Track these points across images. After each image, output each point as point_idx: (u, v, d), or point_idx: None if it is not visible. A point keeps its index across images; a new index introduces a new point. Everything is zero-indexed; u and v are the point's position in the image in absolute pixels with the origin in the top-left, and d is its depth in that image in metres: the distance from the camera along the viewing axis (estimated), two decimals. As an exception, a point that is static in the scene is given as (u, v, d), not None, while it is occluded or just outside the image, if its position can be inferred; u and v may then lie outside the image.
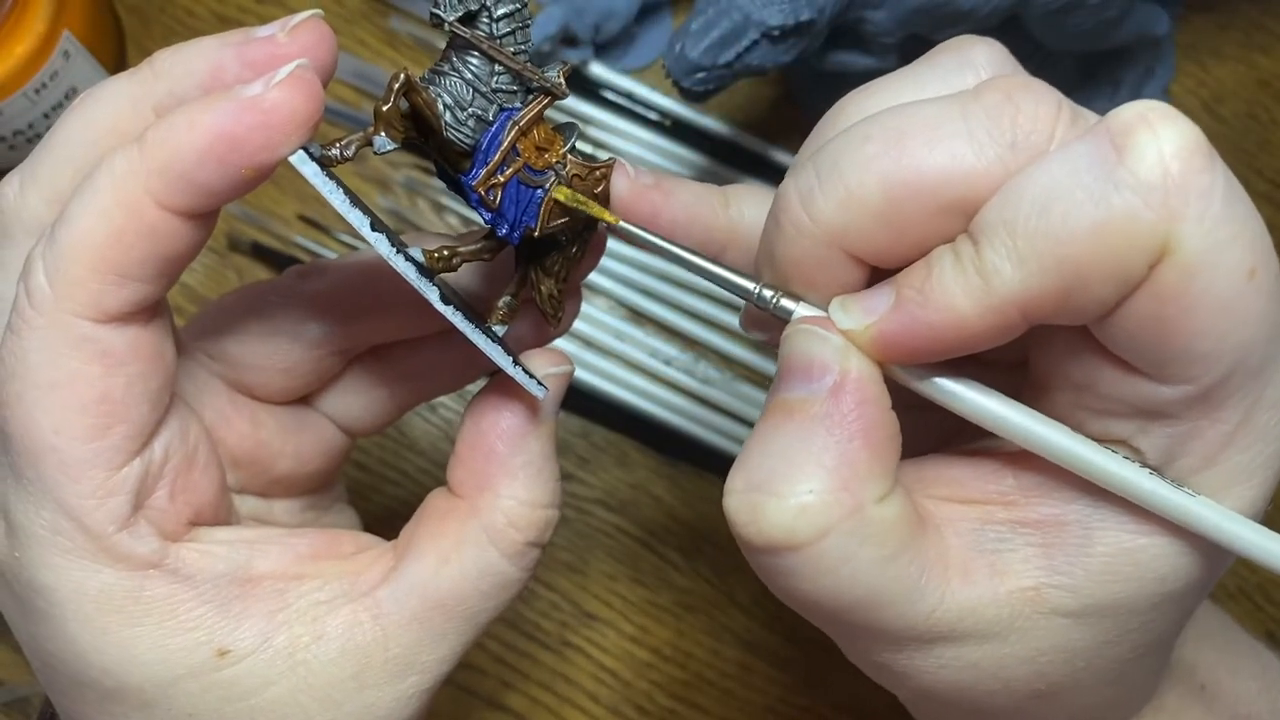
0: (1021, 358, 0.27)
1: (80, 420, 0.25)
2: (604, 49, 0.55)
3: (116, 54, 0.54)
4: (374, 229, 0.25)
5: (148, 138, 0.24)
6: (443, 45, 0.27)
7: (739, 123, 0.55)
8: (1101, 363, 0.23)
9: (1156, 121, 0.21)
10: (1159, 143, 0.21)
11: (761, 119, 0.56)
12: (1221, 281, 0.21)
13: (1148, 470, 0.24)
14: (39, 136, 0.50)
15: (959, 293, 0.22)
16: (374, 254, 0.26)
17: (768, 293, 0.25)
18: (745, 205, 0.29)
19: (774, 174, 0.54)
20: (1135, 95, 0.55)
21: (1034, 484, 0.25)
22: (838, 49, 0.47)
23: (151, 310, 0.26)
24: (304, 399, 0.34)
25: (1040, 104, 0.22)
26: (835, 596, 0.24)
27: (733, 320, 0.53)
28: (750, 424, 0.52)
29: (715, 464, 0.52)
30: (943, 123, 0.22)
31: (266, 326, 0.32)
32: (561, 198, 0.27)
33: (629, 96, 0.55)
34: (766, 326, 0.26)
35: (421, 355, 0.34)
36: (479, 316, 0.29)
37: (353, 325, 0.32)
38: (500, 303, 0.30)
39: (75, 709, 0.28)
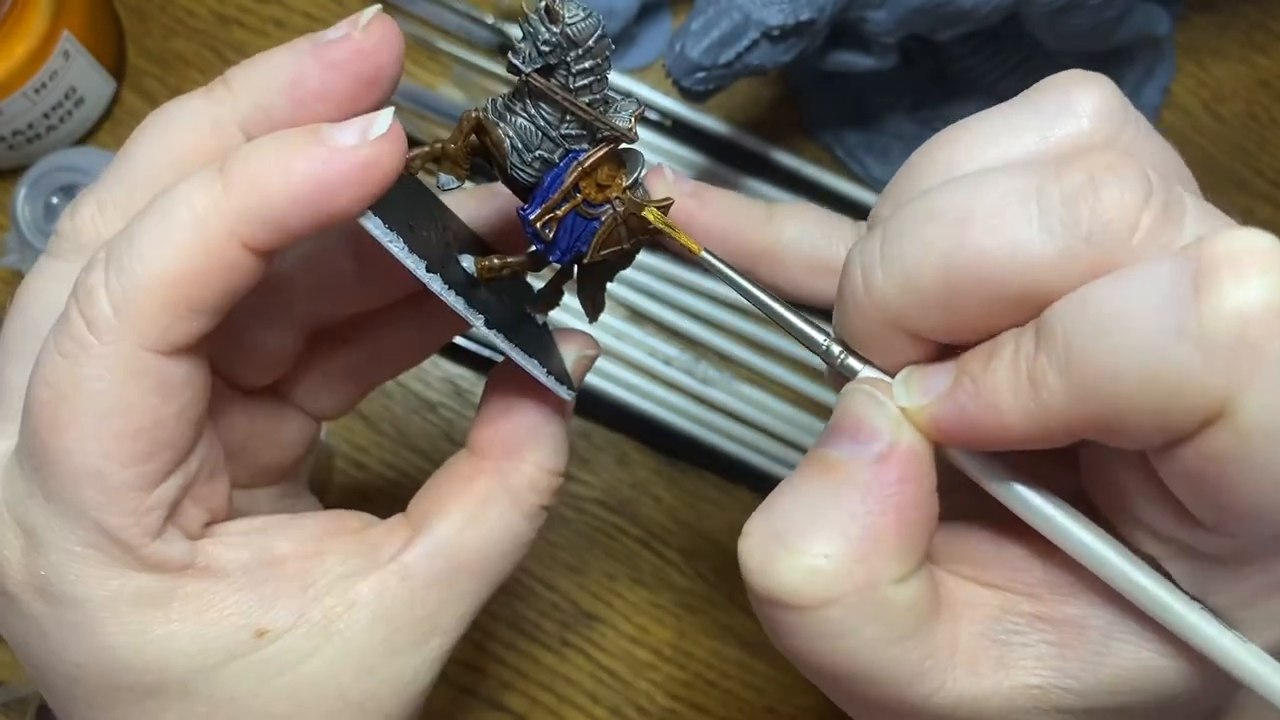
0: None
1: (131, 446, 0.25)
2: (604, 49, 0.55)
3: (116, 54, 0.54)
4: (429, 271, 0.26)
5: (235, 177, 0.24)
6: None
7: (739, 123, 0.55)
8: (1147, 485, 0.22)
9: (1249, 267, 0.18)
10: (1243, 294, 0.18)
11: (761, 119, 0.56)
12: None
13: (1198, 605, 0.22)
14: (39, 136, 0.50)
15: (1008, 394, 0.21)
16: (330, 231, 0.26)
17: (835, 348, 0.25)
18: (786, 222, 0.28)
19: (774, 174, 0.54)
20: (1135, 95, 0.55)
21: (1061, 581, 0.24)
22: (838, 49, 0.47)
23: (206, 340, 0.26)
24: (275, 388, 0.34)
25: (1127, 190, 0.20)
26: (832, 664, 0.23)
27: (733, 320, 0.53)
28: (749, 424, 0.52)
29: (715, 464, 0.52)
30: (1013, 204, 0.21)
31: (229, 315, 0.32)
32: (651, 218, 0.27)
33: (629, 96, 0.55)
34: (841, 382, 0.25)
35: (382, 336, 0.35)
36: (517, 313, 0.29)
37: (314, 303, 0.32)
38: (538, 294, 0.31)
39: (103, 716, 0.28)
